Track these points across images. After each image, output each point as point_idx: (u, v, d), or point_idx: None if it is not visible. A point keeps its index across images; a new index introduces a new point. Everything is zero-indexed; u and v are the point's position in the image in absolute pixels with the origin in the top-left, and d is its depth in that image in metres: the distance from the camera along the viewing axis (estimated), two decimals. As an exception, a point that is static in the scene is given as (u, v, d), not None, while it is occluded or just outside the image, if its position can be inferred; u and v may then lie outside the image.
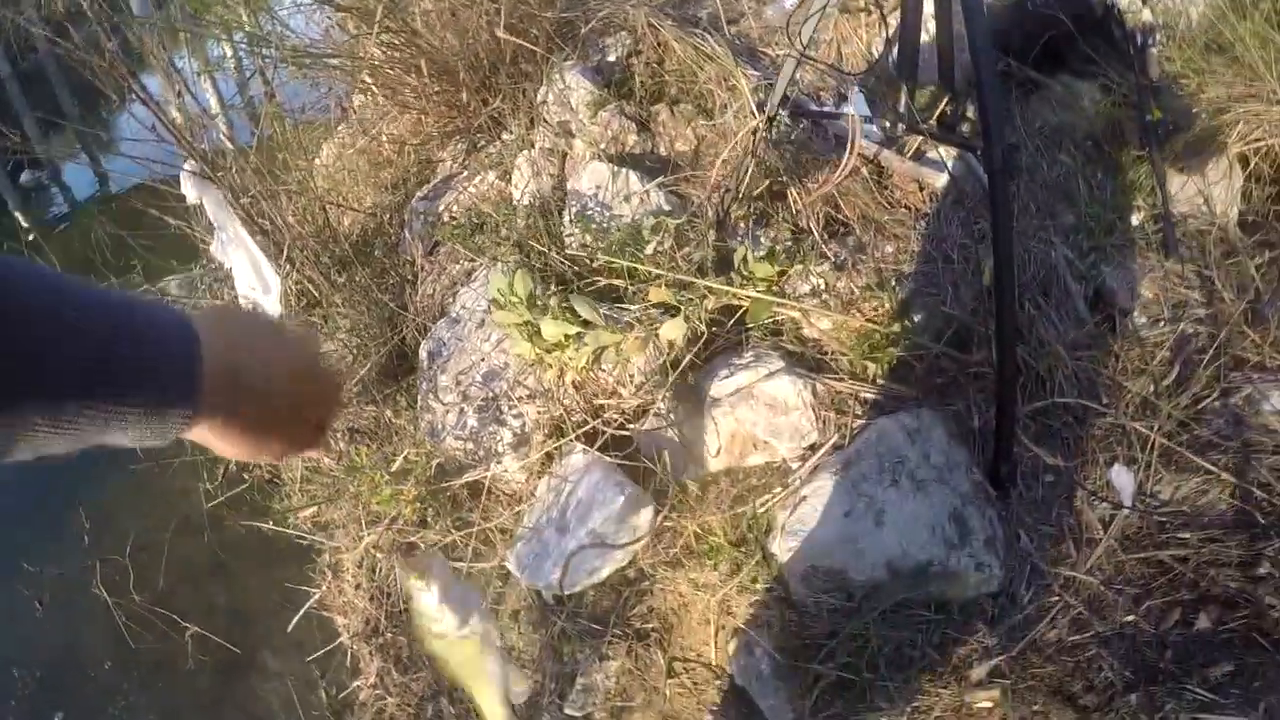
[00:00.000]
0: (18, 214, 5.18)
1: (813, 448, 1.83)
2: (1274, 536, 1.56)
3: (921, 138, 2.15)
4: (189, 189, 2.72)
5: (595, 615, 1.84)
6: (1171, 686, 1.44)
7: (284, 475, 2.69)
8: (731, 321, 1.93)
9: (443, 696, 2.00)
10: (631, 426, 1.95)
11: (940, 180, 2.15)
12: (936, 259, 2.04)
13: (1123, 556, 1.61)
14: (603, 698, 1.75)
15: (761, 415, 1.83)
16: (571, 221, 2.21)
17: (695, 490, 1.87)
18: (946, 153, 2.16)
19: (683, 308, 1.88)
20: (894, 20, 2.00)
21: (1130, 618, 1.54)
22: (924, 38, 2.00)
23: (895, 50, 2.06)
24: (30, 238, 4.19)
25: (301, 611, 2.31)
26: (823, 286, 1.97)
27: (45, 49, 5.80)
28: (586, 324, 1.91)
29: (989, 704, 1.50)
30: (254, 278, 2.74)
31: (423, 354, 2.32)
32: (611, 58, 2.54)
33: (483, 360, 2.18)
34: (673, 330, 1.88)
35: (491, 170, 2.58)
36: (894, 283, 1.97)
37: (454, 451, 2.14)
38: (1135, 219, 2.13)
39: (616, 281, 2.01)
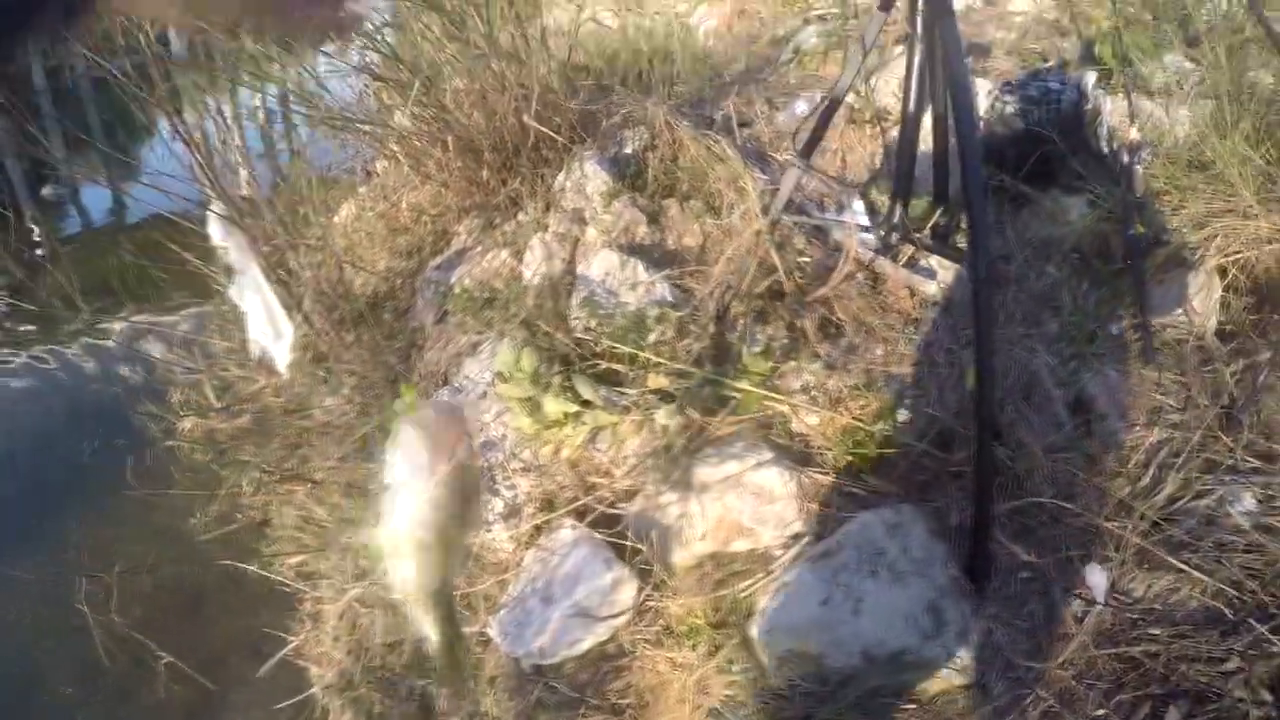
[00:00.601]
0: (34, 226, 5.24)
1: (796, 537, 1.90)
2: (1243, 632, 1.61)
3: (914, 247, 2.28)
4: (215, 230, 2.80)
5: (573, 686, 1.87)
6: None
7: (275, 521, 2.73)
8: (724, 412, 2.02)
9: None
10: (622, 506, 2.02)
11: (931, 288, 2.27)
12: (923, 362, 2.14)
13: (1095, 651, 1.66)
14: (574, 770, 1.78)
15: (748, 503, 1.91)
16: (579, 305, 2.31)
17: (680, 572, 1.93)
18: (939, 262, 2.28)
19: (679, 396, 1.97)
20: (896, 133, 2.14)
21: (1101, 712, 1.58)
22: (922, 150, 2.14)
23: (894, 162, 2.20)
24: (39, 252, 4.26)
25: (277, 657, 2.31)
26: (813, 384, 2.06)
27: (84, 71, 5.97)
28: (586, 404, 2.00)
29: (956, 798, 1.54)
30: (266, 324, 2.81)
31: (425, 418, 2.39)
32: (628, 150, 2.68)
33: (481, 431, 2.26)
34: (668, 416, 1.97)
35: (505, 248, 2.68)
36: (881, 383, 2.07)
37: (446, 515, 2.19)
38: (1116, 328, 2.24)
39: (618, 366, 2.10)
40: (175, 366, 3.20)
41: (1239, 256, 2.28)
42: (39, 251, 4.37)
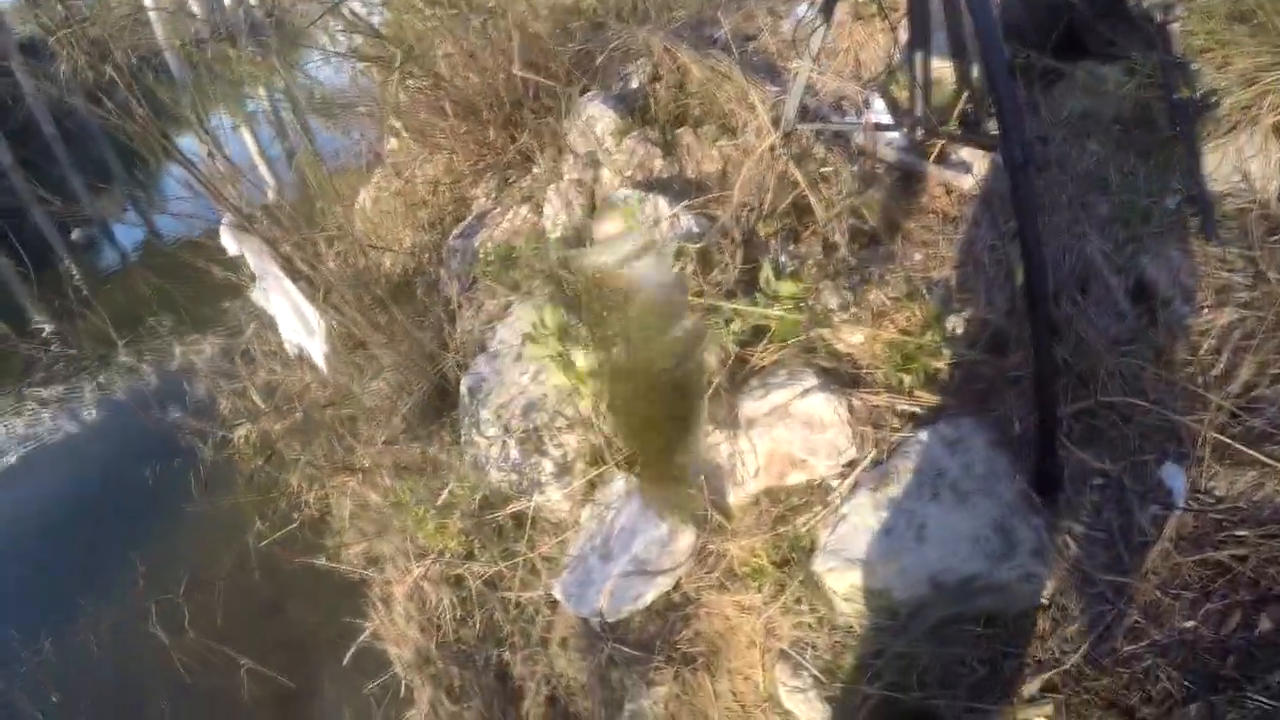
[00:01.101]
0: (70, 268, 5.37)
1: (851, 464, 1.81)
2: (1336, 528, 1.49)
3: (944, 140, 2.13)
4: (228, 241, 2.80)
5: (641, 641, 1.84)
6: (1233, 695, 1.38)
7: (333, 513, 2.75)
8: (763, 341, 1.93)
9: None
10: (669, 451, 1.95)
11: (966, 182, 2.13)
12: (967, 263, 2.01)
13: (1178, 559, 1.55)
14: (652, 724, 1.75)
15: (798, 434, 1.82)
16: (601, 250, 2.22)
17: (736, 512, 1.87)
18: (971, 153, 2.14)
19: (712, 331, 1.88)
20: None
21: (1189, 623, 1.48)
22: (940, 37, 1.99)
23: (909, 54, 2.05)
24: (83, 292, 4.34)
25: (356, 644, 2.34)
26: (852, 300, 1.95)
27: (86, 111, 6.04)
28: (618, 352, 1.93)
29: (1042, 720, 1.47)
30: (297, 322, 2.81)
31: (464, 390, 2.36)
32: (634, 84, 2.57)
33: (522, 393, 2.21)
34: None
35: (524, 204, 2.62)
36: (925, 291, 1.94)
37: (498, 483, 2.17)
38: (1171, 203, 2.06)
39: (648, 308, 2.02)
40: (219, 379, 3.23)
41: (1296, 112, 2.07)
42: (75, 294, 4.45)
